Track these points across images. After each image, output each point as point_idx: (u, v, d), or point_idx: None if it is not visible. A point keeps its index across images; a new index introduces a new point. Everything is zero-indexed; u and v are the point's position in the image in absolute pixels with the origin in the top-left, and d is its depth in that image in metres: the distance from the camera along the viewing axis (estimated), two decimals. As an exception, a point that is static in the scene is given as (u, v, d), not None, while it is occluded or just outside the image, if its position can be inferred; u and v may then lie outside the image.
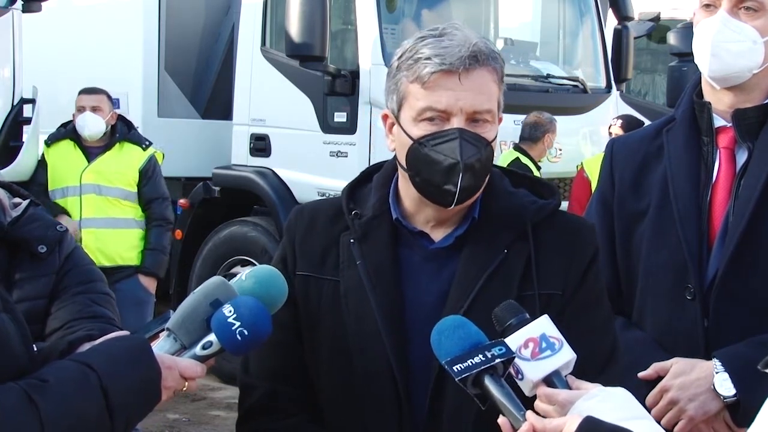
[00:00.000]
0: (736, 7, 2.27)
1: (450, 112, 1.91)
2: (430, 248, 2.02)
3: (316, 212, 2.12)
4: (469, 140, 1.90)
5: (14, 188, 2.67)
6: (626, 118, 7.53)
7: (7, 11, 6.52)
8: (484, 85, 1.93)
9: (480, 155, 1.92)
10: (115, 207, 6.13)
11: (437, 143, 1.91)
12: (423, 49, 1.92)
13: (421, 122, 1.93)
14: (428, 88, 1.91)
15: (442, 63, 1.89)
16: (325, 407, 2.04)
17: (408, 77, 1.93)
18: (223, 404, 7.17)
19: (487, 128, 1.94)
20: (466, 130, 1.91)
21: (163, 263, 6.33)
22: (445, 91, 1.90)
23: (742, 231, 2.27)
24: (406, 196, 2.04)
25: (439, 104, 1.90)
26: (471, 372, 1.66)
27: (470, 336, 1.71)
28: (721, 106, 2.37)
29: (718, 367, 2.22)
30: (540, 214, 2.02)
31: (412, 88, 1.93)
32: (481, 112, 1.92)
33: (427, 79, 1.90)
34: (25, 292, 2.47)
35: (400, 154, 1.99)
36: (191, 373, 1.76)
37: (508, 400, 1.66)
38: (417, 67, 1.91)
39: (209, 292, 1.81)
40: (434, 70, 1.89)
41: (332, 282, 2.02)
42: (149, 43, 8.26)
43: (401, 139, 1.97)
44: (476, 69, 1.91)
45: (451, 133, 1.90)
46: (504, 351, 1.68)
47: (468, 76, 1.90)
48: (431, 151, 1.91)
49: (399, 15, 7.63)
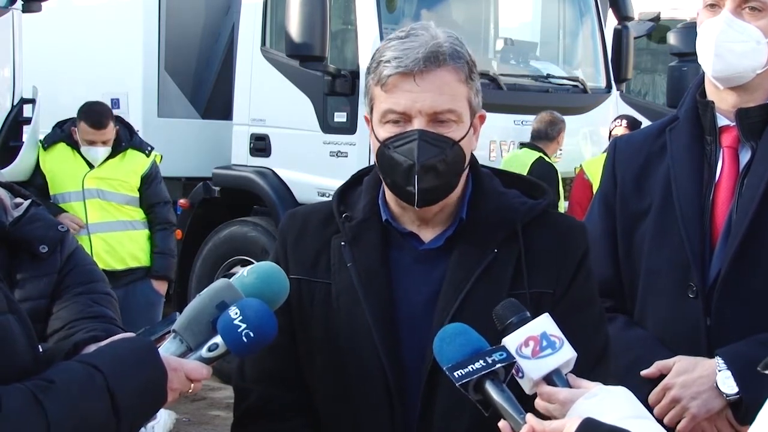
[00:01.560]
0: (739, 7, 2.27)
1: (409, 114, 1.92)
2: (420, 249, 2.03)
3: (308, 216, 2.14)
4: (429, 141, 1.91)
5: (15, 188, 2.67)
6: (629, 118, 7.52)
7: (7, 11, 6.51)
8: (445, 86, 1.92)
9: (444, 155, 1.92)
10: (119, 211, 6.12)
11: (398, 145, 1.93)
12: (386, 52, 1.93)
13: (386, 124, 1.95)
14: (388, 90, 1.92)
15: (399, 66, 1.90)
16: (320, 409, 2.05)
17: (373, 80, 1.96)
18: (223, 404, 7.17)
19: (452, 128, 1.94)
20: (426, 131, 1.91)
21: (172, 265, 6.37)
22: (402, 93, 1.91)
23: (744, 230, 2.27)
24: (390, 198, 2.05)
25: (398, 106, 1.92)
26: (472, 377, 1.67)
27: (471, 342, 1.72)
28: (724, 105, 2.37)
29: (720, 365, 2.23)
30: (530, 214, 2.03)
31: (376, 91, 1.96)
32: (442, 113, 1.92)
33: (386, 81, 1.92)
34: (26, 292, 2.47)
35: (374, 156, 2.01)
36: (197, 374, 1.76)
37: (508, 404, 1.67)
38: (379, 70, 1.94)
39: (215, 294, 1.82)
40: (391, 72, 1.91)
41: (324, 285, 2.04)
42: (149, 43, 8.26)
43: (373, 141, 1.99)
44: (434, 70, 1.91)
45: (411, 134, 1.92)
46: (505, 356, 1.69)
47: (425, 78, 1.90)
48: (393, 153, 1.94)
49: (399, 15, 7.63)
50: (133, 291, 6.11)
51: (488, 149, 7.37)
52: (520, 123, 7.49)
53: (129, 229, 6.14)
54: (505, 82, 7.44)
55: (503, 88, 7.35)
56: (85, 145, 6.05)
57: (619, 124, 7.39)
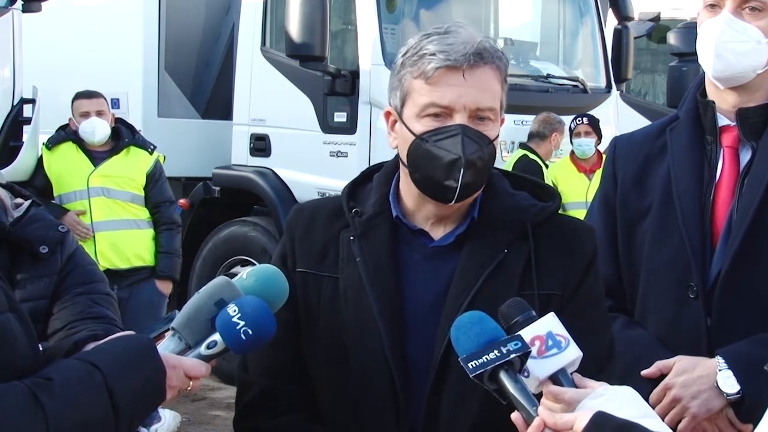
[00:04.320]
0: (740, 7, 2.27)
1: (453, 108, 1.91)
2: (430, 246, 2.02)
3: (316, 210, 2.13)
4: (472, 137, 1.91)
5: (16, 189, 2.68)
6: (588, 116, 7.47)
7: (7, 11, 6.51)
8: (488, 83, 1.93)
9: (482, 153, 1.92)
10: (124, 210, 6.13)
11: (439, 139, 1.91)
12: (428, 46, 1.92)
13: (424, 118, 1.93)
14: (432, 83, 1.91)
15: (447, 59, 1.89)
16: (323, 404, 2.04)
17: (412, 73, 1.94)
18: (223, 404, 7.17)
19: (489, 126, 1.94)
20: (468, 126, 1.91)
21: (177, 266, 6.37)
22: (448, 87, 1.90)
23: (745, 230, 2.27)
24: (406, 194, 2.04)
25: (443, 100, 1.91)
26: (486, 368, 1.65)
27: (486, 332, 1.70)
28: (725, 105, 2.37)
29: (721, 364, 2.23)
30: (540, 215, 2.03)
31: (416, 83, 1.94)
32: (483, 110, 1.93)
33: (432, 74, 1.90)
34: (27, 293, 2.48)
35: (402, 151, 1.99)
36: (196, 372, 1.76)
37: (522, 395, 1.66)
38: (421, 63, 1.92)
39: (214, 291, 1.81)
40: (438, 65, 1.90)
41: (332, 279, 2.03)
42: (149, 43, 8.26)
43: (404, 135, 1.97)
44: (480, 66, 1.91)
45: (454, 128, 1.91)
46: (520, 346, 1.67)
47: (472, 73, 1.90)
48: (433, 147, 1.92)
49: (399, 15, 7.64)
50: (137, 291, 6.12)
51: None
52: (520, 123, 7.49)
53: (134, 228, 6.15)
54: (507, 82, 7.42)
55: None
56: (81, 121, 6.07)
57: (580, 122, 7.35)
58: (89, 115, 6.08)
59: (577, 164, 7.37)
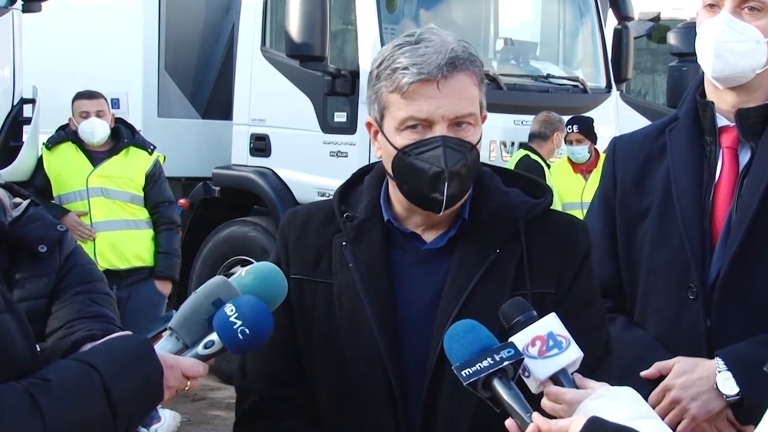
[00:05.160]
0: (739, 7, 2.27)
1: (432, 120, 1.91)
2: (422, 249, 2.03)
3: (309, 215, 2.13)
4: (453, 147, 1.91)
5: (15, 188, 2.68)
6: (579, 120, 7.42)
7: (7, 11, 6.51)
8: (463, 90, 1.92)
9: (465, 160, 1.92)
10: (123, 210, 6.14)
11: (421, 152, 1.91)
12: (400, 58, 1.91)
13: (404, 131, 1.93)
14: (408, 98, 1.90)
15: (420, 72, 1.88)
16: (322, 409, 2.04)
17: (387, 87, 1.93)
18: (223, 404, 7.17)
19: (470, 132, 1.94)
20: (449, 137, 1.91)
21: (176, 266, 6.37)
22: (425, 99, 1.90)
23: (744, 231, 2.27)
24: (396, 201, 2.04)
25: (421, 113, 1.90)
26: (479, 376, 1.66)
27: (479, 340, 1.71)
28: (724, 105, 2.36)
29: (720, 366, 2.22)
30: (532, 213, 2.02)
31: (392, 98, 1.93)
32: (463, 117, 1.92)
33: (407, 89, 1.90)
34: (25, 292, 2.48)
35: (386, 163, 1.99)
36: (193, 372, 1.76)
37: (516, 402, 1.66)
38: (395, 77, 1.91)
39: (211, 291, 1.81)
40: (412, 80, 1.89)
41: (326, 284, 2.03)
42: (149, 43, 8.26)
43: (386, 148, 1.97)
44: (454, 75, 1.90)
45: (435, 141, 1.91)
46: (513, 353, 1.68)
47: (447, 84, 1.89)
48: (416, 160, 1.92)
49: (399, 15, 7.64)
50: (137, 292, 6.12)
51: (488, 149, 7.38)
52: (520, 123, 7.49)
53: (133, 228, 6.15)
54: (506, 82, 7.44)
55: (503, 88, 7.35)
56: (81, 122, 6.07)
57: (571, 130, 7.32)
58: (89, 115, 6.09)
59: (573, 165, 7.37)
